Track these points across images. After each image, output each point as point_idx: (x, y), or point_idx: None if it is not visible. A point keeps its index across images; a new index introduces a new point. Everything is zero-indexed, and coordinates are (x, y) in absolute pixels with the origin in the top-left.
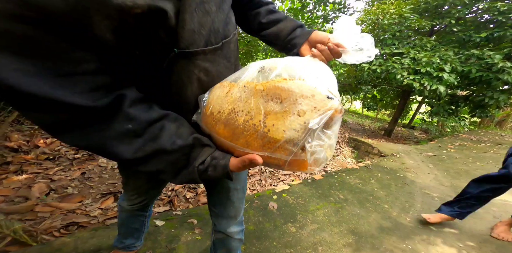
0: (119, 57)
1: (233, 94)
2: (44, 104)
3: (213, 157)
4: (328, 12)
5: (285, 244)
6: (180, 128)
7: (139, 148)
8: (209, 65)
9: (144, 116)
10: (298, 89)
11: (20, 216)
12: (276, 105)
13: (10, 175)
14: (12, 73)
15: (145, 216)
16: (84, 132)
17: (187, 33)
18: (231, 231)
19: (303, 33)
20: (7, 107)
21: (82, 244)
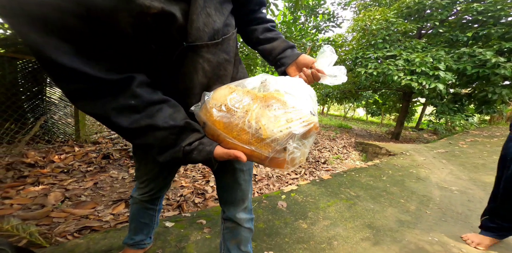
0: (136, 48)
1: (236, 94)
2: (71, 74)
3: (201, 142)
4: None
5: (298, 240)
6: (175, 113)
7: (135, 121)
8: (211, 56)
9: (147, 97)
10: (291, 102)
11: (36, 222)
12: (270, 111)
13: (27, 186)
14: (55, 51)
15: (155, 210)
16: (94, 101)
17: (194, 30)
18: (240, 217)
19: (292, 54)
20: (23, 129)
21: (94, 245)
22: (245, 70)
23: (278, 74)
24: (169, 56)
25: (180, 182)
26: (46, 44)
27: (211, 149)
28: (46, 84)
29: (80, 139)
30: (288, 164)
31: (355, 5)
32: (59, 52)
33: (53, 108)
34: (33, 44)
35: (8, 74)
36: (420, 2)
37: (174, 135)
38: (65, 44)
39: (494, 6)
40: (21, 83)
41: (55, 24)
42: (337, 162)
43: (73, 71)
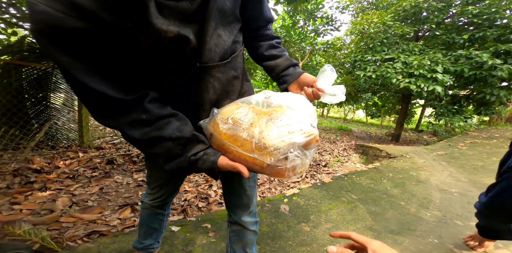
0: (152, 67)
1: (242, 109)
2: (94, 94)
3: (205, 152)
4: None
5: (301, 243)
6: (183, 125)
7: (146, 133)
8: (221, 75)
9: (156, 112)
10: (293, 116)
11: (47, 226)
12: (273, 124)
13: (35, 191)
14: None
15: (164, 214)
16: (111, 116)
17: (207, 51)
18: (245, 220)
19: (294, 73)
20: (28, 135)
21: (104, 249)
22: (250, 84)
23: (280, 91)
24: (183, 75)
25: (183, 187)
26: (73, 66)
27: (215, 159)
28: (50, 91)
29: (84, 144)
30: (290, 172)
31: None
32: (85, 74)
33: (57, 114)
34: (61, 64)
35: (14, 82)
36: (416, 5)
37: (181, 146)
38: (90, 67)
39: (488, 8)
40: (26, 90)
41: (85, 48)
42: (338, 164)
43: (95, 92)
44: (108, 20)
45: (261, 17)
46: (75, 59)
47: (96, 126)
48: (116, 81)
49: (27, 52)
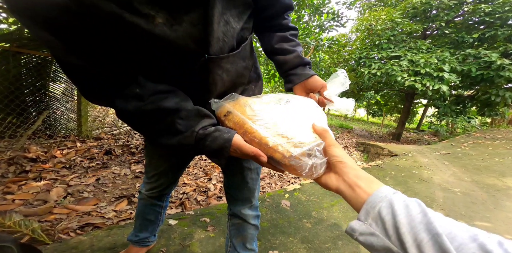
0: (148, 60)
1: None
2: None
3: (217, 128)
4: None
5: (302, 239)
6: (182, 101)
7: (140, 107)
8: (229, 66)
9: (152, 85)
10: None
11: (39, 218)
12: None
13: (29, 181)
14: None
15: (161, 207)
16: (103, 92)
17: (215, 41)
18: (246, 213)
19: (303, 73)
20: (25, 123)
21: (97, 242)
22: (259, 72)
23: (285, 90)
24: (187, 68)
25: (182, 179)
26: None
27: (229, 137)
28: (49, 79)
29: (82, 134)
30: (308, 170)
31: (360, 5)
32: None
33: (56, 103)
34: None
35: (13, 69)
36: (427, 3)
37: (183, 120)
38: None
39: (502, 7)
40: (25, 78)
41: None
42: None
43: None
44: None
45: (278, 3)
46: (60, 39)
47: (96, 116)
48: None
49: (26, 40)
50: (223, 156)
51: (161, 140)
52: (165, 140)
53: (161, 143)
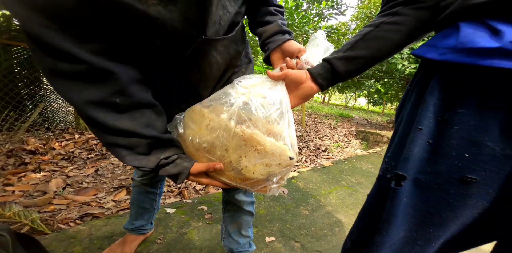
0: (138, 44)
1: (212, 128)
2: (50, 49)
3: (180, 156)
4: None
5: (299, 226)
6: (157, 121)
7: (114, 120)
8: (223, 49)
9: (137, 97)
10: (271, 149)
11: (38, 208)
12: (250, 153)
13: (28, 173)
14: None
15: (155, 194)
16: (74, 85)
17: (212, 23)
18: (240, 199)
19: (279, 39)
20: (22, 116)
21: (95, 231)
22: (251, 56)
23: (264, 62)
24: (182, 50)
25: None
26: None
27: (188, 166)
28: None
29: (80, 126)
30: (269, 191)
31: None
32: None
33: (52, 96)
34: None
35: (4, 61)
36: None
37: (151, 145)
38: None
39: None
40: (17, 70)
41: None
42: (338, 150)
43: (58, 50)
44: None
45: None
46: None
47: None
48: (85, 44)
49: (15, 32)
50: (180, 179)
51: (120, 153)
52: (124, 156)
53: (118, 155)
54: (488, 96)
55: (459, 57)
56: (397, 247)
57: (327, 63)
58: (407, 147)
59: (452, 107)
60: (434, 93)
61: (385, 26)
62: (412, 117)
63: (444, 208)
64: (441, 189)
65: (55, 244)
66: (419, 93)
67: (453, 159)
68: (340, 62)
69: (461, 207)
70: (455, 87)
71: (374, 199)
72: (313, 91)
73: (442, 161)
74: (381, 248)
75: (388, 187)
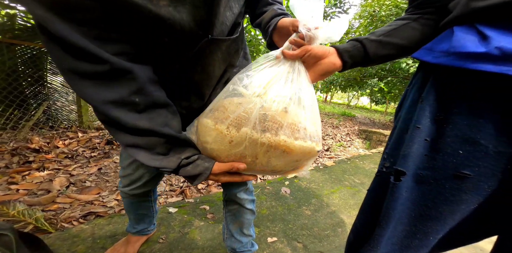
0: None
1: (237, 143)
2: (74, 50)
3: (200, 156)
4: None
5: (301, 226)
6: (173, 120)
7: (133, 119)
8: (225, 49)
9: (155, 96)
10: (300, 150)
11: (42, 207)
12: (280, 156)
13: (32, 171)
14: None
15: (150, 201)
16: (95, 85)
17: (219, 24)
18: (242, 197)
19: (274, 20)
20: (26, 115)
21: (98, 230)
22: (248, 56)
23: (268, 48)
24: (187, 49)
25: None
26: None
27: (209, 166)
28: (47, 70)
29: (84, 125)
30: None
31: None
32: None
33: (56, 95)
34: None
35: (8, 60)
36: None
37: (169, 145)
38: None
39: None
40: (21, 69)
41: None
42: (340, 149)
43: (77, 48)
44: None
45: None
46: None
47: None
48: (103, 40)
49: (19, 31)
50: (199, 180)
51: (140, 154)
52: (144, 156)
53: (138, 156)
54: (478, 98)
55: (450, 61)
56: (396, 240)
57: (358, 43)
58: (406, 144)
59: (447, 108)
60: (431, 94)
61: (422, 20)
62: (410, 116)
63: (440, 202)
64: (437, 184)
65: (58, 243)
66: (417, 94)
67: (448, 155)
68: (373, 44)
69: (456, 201)
70: (449, 89)
71: (374, 193)
72: (335, 68)
73: (438, 157)
74: (380, 241)
75: (388, 182)
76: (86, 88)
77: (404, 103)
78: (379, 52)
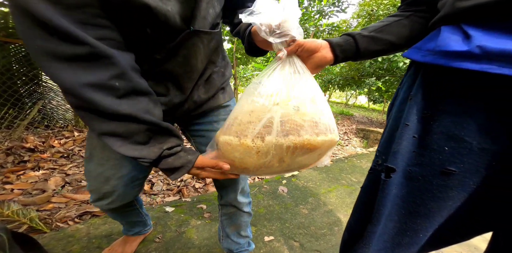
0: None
1: (266, 153)
2: (54, 31)
3: (184, 149)
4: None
5: (298, 225)
6: (155, 109)
7: (112, 104)
8: (207, 42)
9: (136, 82)
10: (323, 144)
11: (37, 207)
12: (305, 153)
13: (27, 171)
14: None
15: (136, 208)
16: (73, 67)
17: (201, 17)
18: (240, 201)
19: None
20: (21, 114)
21: (94, 230)
22: (227, 59)
23: (247, 53)
24: (170, 39)
25: None
26: None
27: (193, 159)
28: (41, 69)
29: (80, 124)
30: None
31: None
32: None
33: (51, 94)
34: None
35: (2, 59)
36: None
37: (151, 132)
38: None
39: None
40: (16, 68)
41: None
42: (338, 148)
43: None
44: None
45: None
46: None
47: None
48: (88, 29)
49: (13, 29)
50: (180, 173)
51: (116, 143)
52: (121, 145)
53: (115, 145)
54: (463, 96)
55: (436, 59)
56: (388, 237)
57: (350, 38)
58: (396, 141)
59: (433, 105)
60: (419, 92)
61: (414, 18)
62: (401, 114)
63: (428, 199)
64: (425, 180)
65: (53, 243)
66: (407, 92)
67: (435, 152)
68: (365, 39)
69: (444, 198)
70: (435, 87)
71: (367, 190)
72: (326, 61)
73: (425, 153)
74: (372, 238)
75: (379, 179)
76: (63, 70)
77: (395, 102)
78: (370, 48)
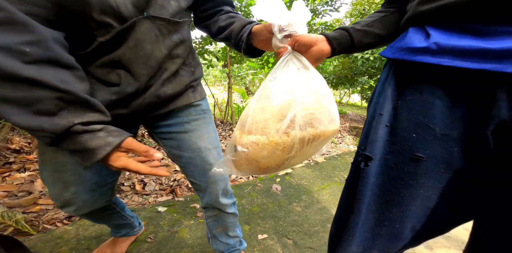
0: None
1: (291, 147)
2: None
3: (108, 129)
4: (316, 6)
5: (292, 223)
6: (78, 84)
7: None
8: (167, 32)
9: (55, 53)
10: (333, 132)
11: (23, 209)
12: (318, 143)
13: (13, 172)
14: None
15: (117, 211)
16: None
17: (157, 6)
18: (222, 202)
19: (248, 27)
20: None
21: (83, 231)
22: (198, 59)
23: (244, 54)
24: (118, 24)
25: (174, 166)
26: None
27: (114, 142)
28: None
29: None
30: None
31: None
32: None
33: None
34: None
35: None
36: None
37: (63, 102)
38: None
39: None
40: None
41: None
42: (331, 145)
43: None
44: None
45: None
46: None
47: None
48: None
49: None
50: (95, 157)
51: (8, 111)
52: (14, 114)
53: (5, 114)
54: (425, 86)
55: (403, 55)
56: (368, 228)
57: (345, 31)
58: (372, 130)
59: (402, 95)
60: (391, 85)
61: (397, 15)
62: (376, 106)
63: (401, 187)
64: (397, 168)
65: (40, 245)
66: (382, 86)
67: (405, 139)
68: (358, 33)
69: (414, 185)
70: (404, 79)
71: (350, 182)
72: (323, 54)
73: (396, 141)
74: (356, 228)
75: (359, 169)
76: None
77: (374, 95)
78: (363, 41)
